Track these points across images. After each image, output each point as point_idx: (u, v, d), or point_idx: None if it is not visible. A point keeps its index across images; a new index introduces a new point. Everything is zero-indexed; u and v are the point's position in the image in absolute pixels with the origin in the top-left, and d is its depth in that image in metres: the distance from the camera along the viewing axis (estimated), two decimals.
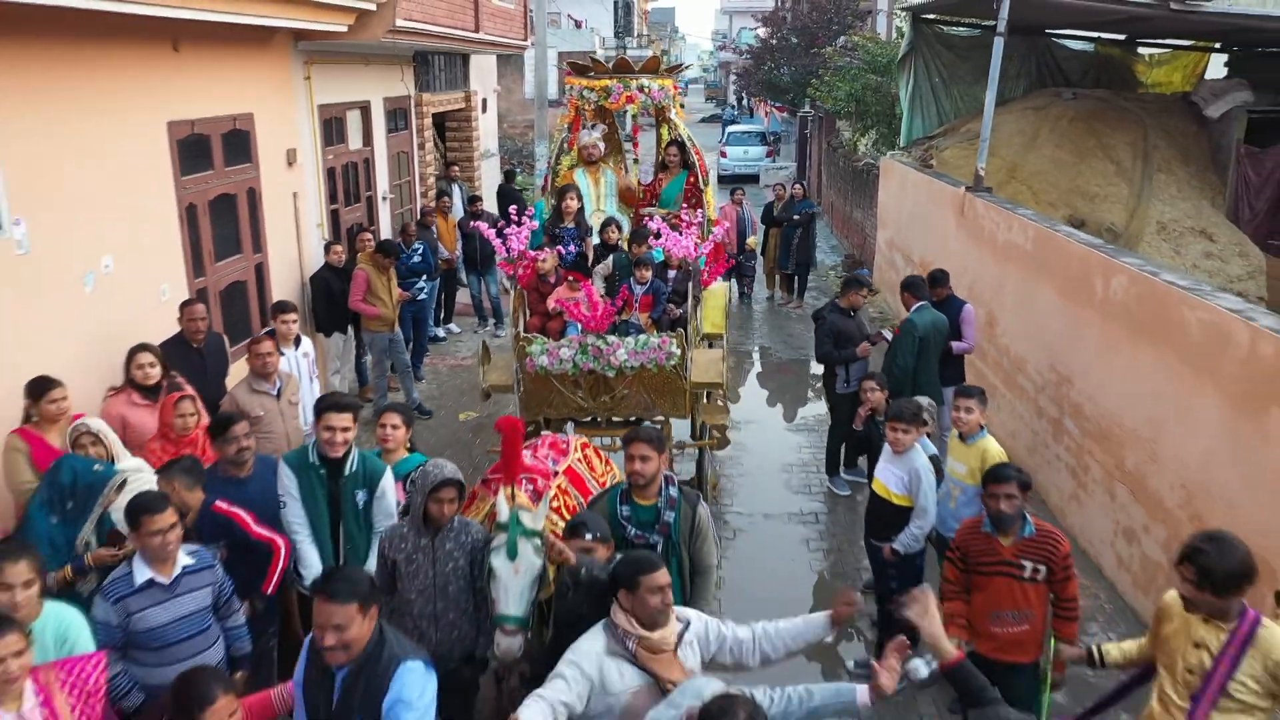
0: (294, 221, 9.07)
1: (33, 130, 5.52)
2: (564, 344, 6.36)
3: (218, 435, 4.59)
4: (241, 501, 4.36)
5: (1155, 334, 5.89)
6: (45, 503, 4.36)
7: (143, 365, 5.39)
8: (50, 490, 4.38)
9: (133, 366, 5.36)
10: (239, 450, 4.56)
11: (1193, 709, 3.25)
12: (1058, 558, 4.11)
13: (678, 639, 3.27)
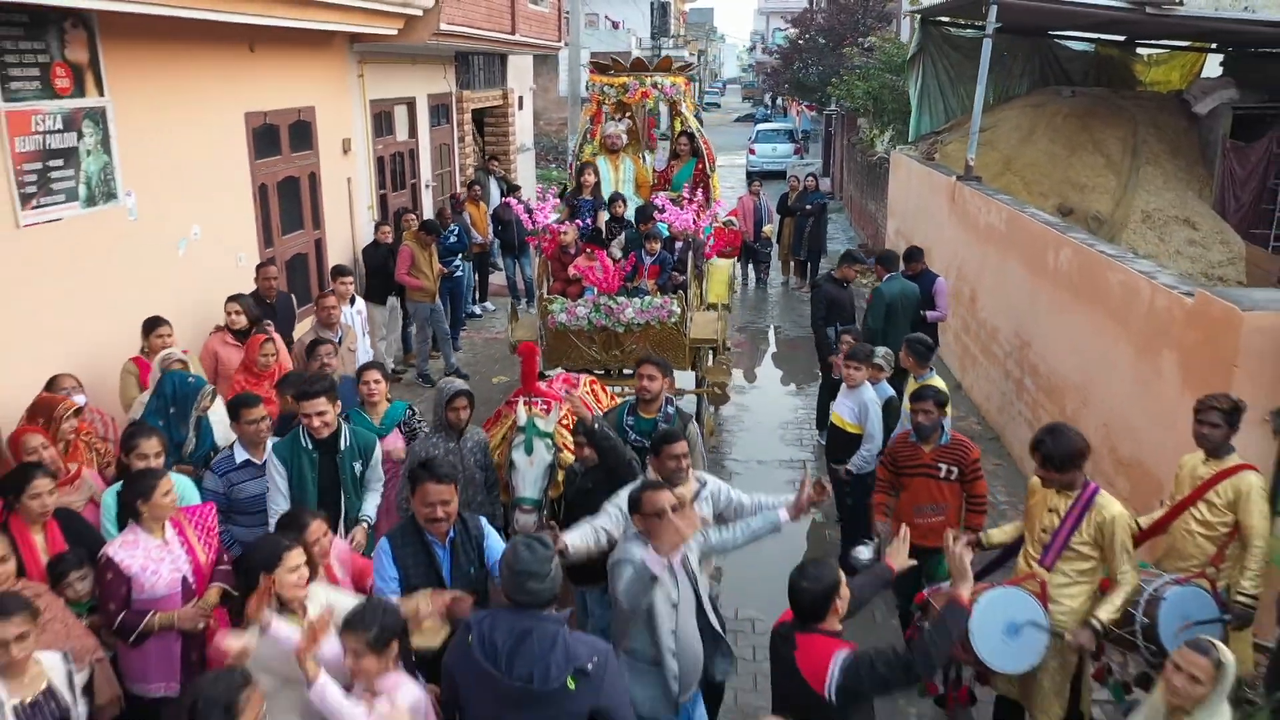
0: (348, 203, 10.21)
1: (139, 117, 6.66)
2: (581, 304, 7.42)
3: (309, 354, 5.69)
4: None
5: (1089, 297, 6.81)
6: (154, 411, 5.44)
7: (230, 313, 6.50)
8: (157, 401, 5.45)
9: (226, 313, 6.47)
10: (322, 366, 5.65)
11: (1043, 558, 4.21)
12: (967, 461, 5.07)
13: (695, 495, 4.30)
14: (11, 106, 5.47)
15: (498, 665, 3.05)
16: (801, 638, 3.30)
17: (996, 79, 14.85)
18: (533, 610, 3.14)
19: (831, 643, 3.26)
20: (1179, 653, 3.10)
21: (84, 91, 6.08)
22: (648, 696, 3.81)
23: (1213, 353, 4.94)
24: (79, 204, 6.07)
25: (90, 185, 6.17)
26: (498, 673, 3.04)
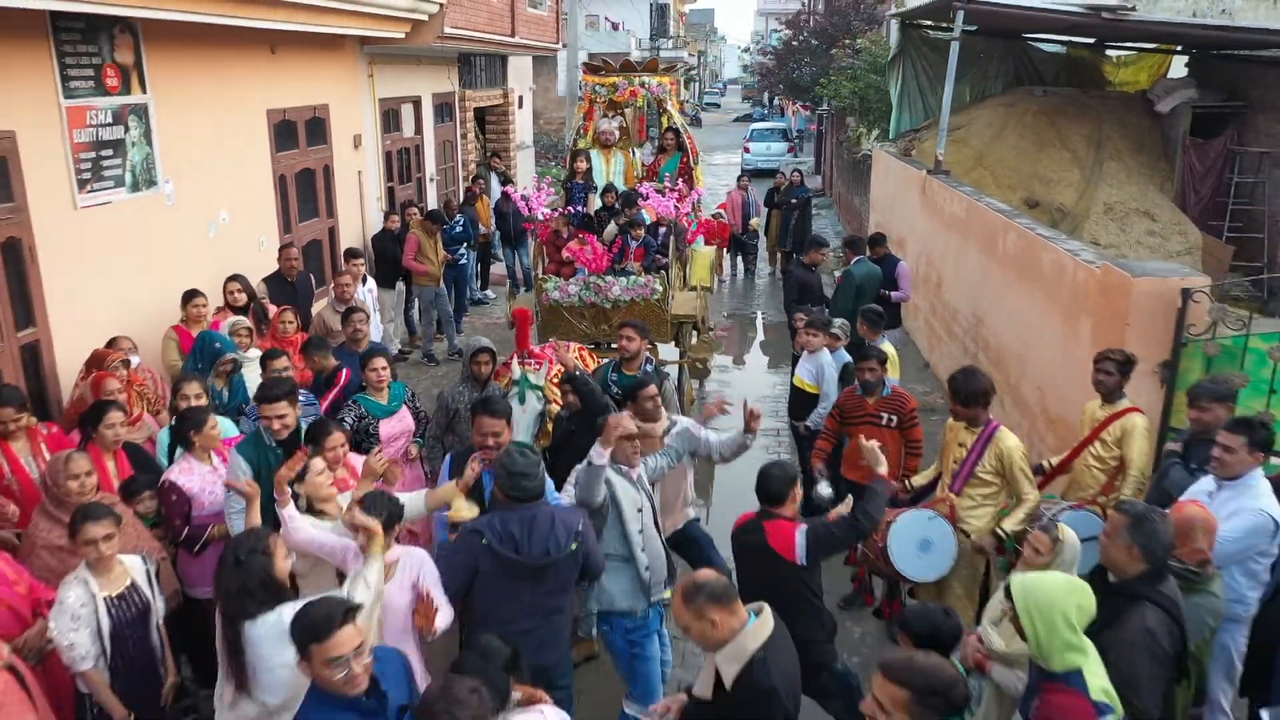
0: (358, 194, 10.99)
1: (176, 112, 7.44)
2: (572, 282, 8.19)
3: (344, 321, 6.47)
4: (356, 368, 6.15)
5: (1028, 275, 7.58)
6: (190, 367, 6.22)
7: (231, 291, 7.18)
8: (194, 358, 6.23)
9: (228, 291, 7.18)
10: (355, 330, 6.42)
11: (953, 484, 4.98)
12: (905, 410, 5.84)
13: (666, 430, 5.08)
14: (70, 102, 6.25)
15: (518, 550, 3.79)
16: (769, 524, 4.06)
17: (973, 79, 15.64)
18: (528, 503, 3.89)
19: (792, 524, 4.05)
20: (1031, 534, 3.86)
21: (130, 90, 6.86)
22: (623, 590, 4.57)
23: (1112, 315, 5.71)
24: (125, 189, 6.86)
25: (135, 173, 6.95)
26: (520, 555, 3.77)
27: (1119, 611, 3.20)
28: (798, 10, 31.33)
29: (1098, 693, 2.95)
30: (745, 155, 29.56)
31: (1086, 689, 2.96)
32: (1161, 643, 3.15)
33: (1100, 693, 2.95)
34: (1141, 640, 3.14)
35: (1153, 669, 3.14)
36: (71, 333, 6.19)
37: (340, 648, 2.79)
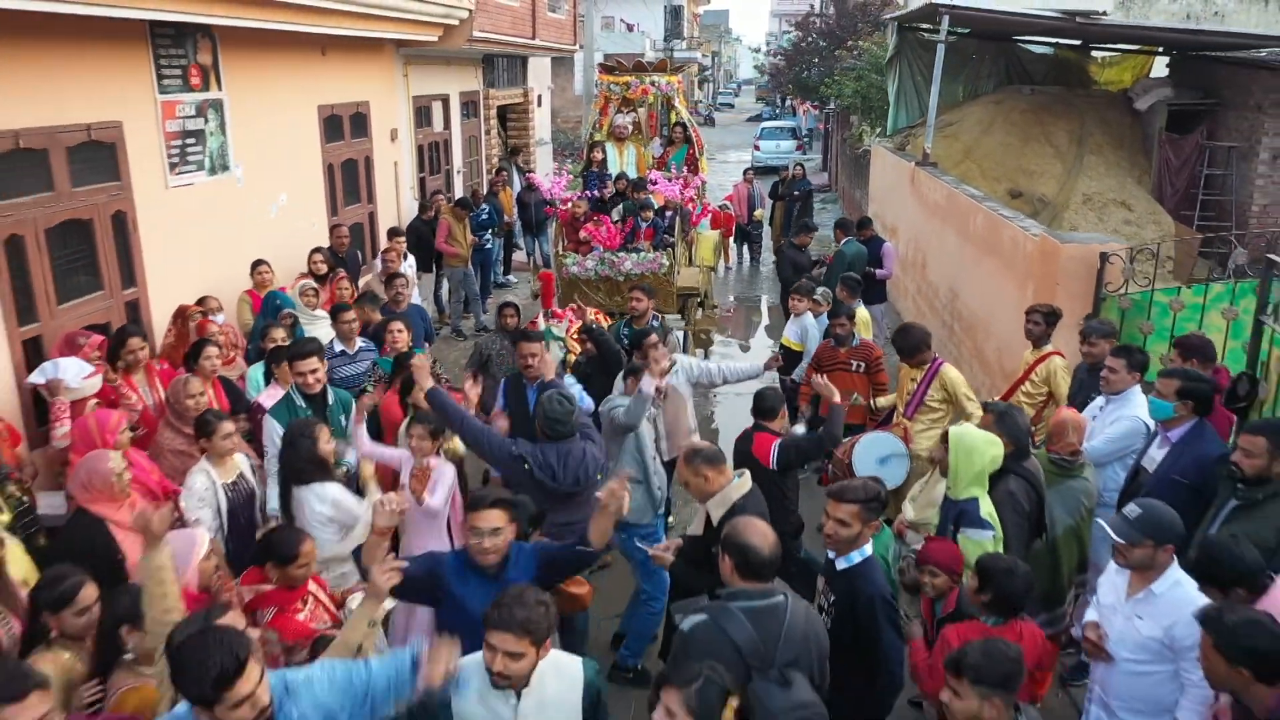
0: (394, 183, 12.08)
1: (245, 107, 8.52)
2: (589, 258, 9.25)
3: (388, 285, 7.54)
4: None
5: (993, 250, 8.58)
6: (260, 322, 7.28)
7: (314, 261, 8.32)
8: (263, 314, 7.31)
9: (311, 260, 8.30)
10: (397, 293, 7.49)
11: (906, 410, 6.01)
12: (871, 358, 6.87)
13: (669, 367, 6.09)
14: (164, 97, 7.35)
15: (555, 478, 4.71)
16: (757, 434, 5.09)
17: (966, 78, 16.61)
18: (562, 440, 4.80)
19: (772, 437, 5.07)
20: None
21: (209, 87, 7.95)
22: (637, 505, 5.55)
23: (1047, 277, 6.72)
24: (205, 173, 7.95)
25: (212, 159, 8.04)
26: (557, 483, 4.69)
27: (994, 481, 4.23)
28: (807, 12, 32.29)
29: (985, 515, 4.05)
30: (755, 153, 30.52)
31: (979, 510, 4.05)
32: (1021, 501, 4.22)
33: (987, 515, 4.06)
34: (1005, 499, 4.20)
35: (1014, 519, 4.19)
36: (163, 292, 7.27)
37: (481, 521, 3.45)
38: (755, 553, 3.24)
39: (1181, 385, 4.47)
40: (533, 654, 2.81)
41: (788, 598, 3.27)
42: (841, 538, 3.69)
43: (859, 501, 3.66)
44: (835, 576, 3.77)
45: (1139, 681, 3.52)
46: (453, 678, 2.77)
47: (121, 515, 4.09)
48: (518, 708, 2.83)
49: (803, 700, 3.00)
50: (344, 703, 2.63)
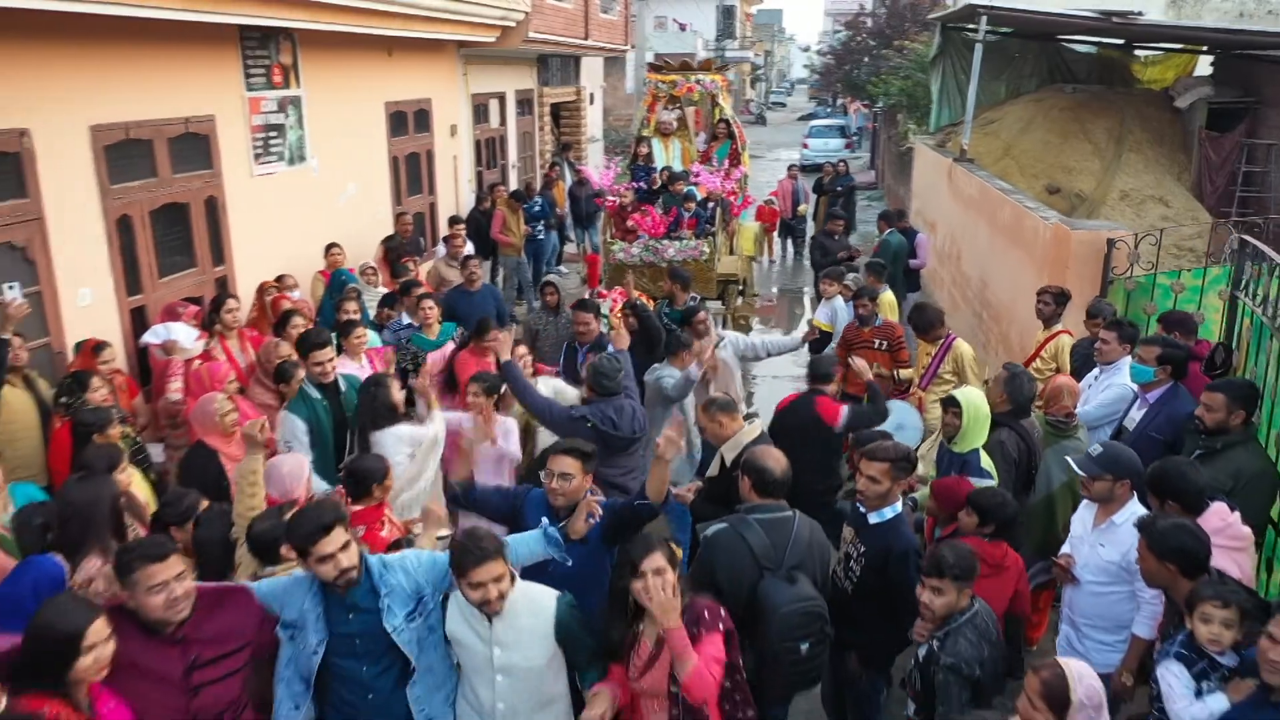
0: (454, 176, 12.82)
1: (320, 102, 9.27)
2: (634, 245, 9.87)
3: (462, 266, 8.22)
4: (470, 304, 7.80)
5: (1017, 240, 9.02)
6: (327, 296, 8.01)
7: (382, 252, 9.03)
8: (329, 292, 8.03)
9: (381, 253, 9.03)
10: (470, 274, 8.16)
11: (921, 382, 6.53)
12: (893, 337, 7.37)
13: (717, 343, 6.65)
14: (251, 94, 8.12)
15: (616, 427, 5.27)
16: (819, 399, 5.58)
17: (1010, 77, 16.94)
18: (613, 397, 5.34)
19: (833, 401, 5.59)
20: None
21: (289, 85, 8.71)
22: (676, 466, 6.18)
23: (1060, 261, 7.18)
24: (284, 163, 8.71)
25: (291, 150, 8.81)
26: (618, 431, 5.23)
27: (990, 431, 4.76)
28: (856, 11, 32.59)
29: (985, 465, 4.58)
30: (804, 151, 30.93)
31: (979, 460, 4.57)
32: (1010, 450, 4.75)
33: (987, 464, 4.59)
34: (995, 448, 4.74)
35: (1003, 465, 4.74)
36: (247, 270, 8.04)
37: (555, 464, 3.84)
38: (769, 473, 3.82)
39: (1161, 351, 4.96)
40: (505, 576, 3.19)
41: (796, 513, 3.85)
42: (873, 493, 4.02)
43: (889, 460, 4.04)
44: (867, 530, 4.12)
45: (1100, 601, 4.03)
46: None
47: (230, 448, 4.79)
48: (491, 629, 3.22)
49: (805, 594, 3.58)
50: (429, 576, 3.25)
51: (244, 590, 3.22)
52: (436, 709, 3.27)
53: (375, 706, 3.18)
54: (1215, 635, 3.14)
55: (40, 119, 5.96)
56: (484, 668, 3.22)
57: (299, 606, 3.13)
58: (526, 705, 3.25)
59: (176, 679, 2.90)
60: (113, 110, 6.58)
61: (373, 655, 3.16)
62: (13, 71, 5.76)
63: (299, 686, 3.16)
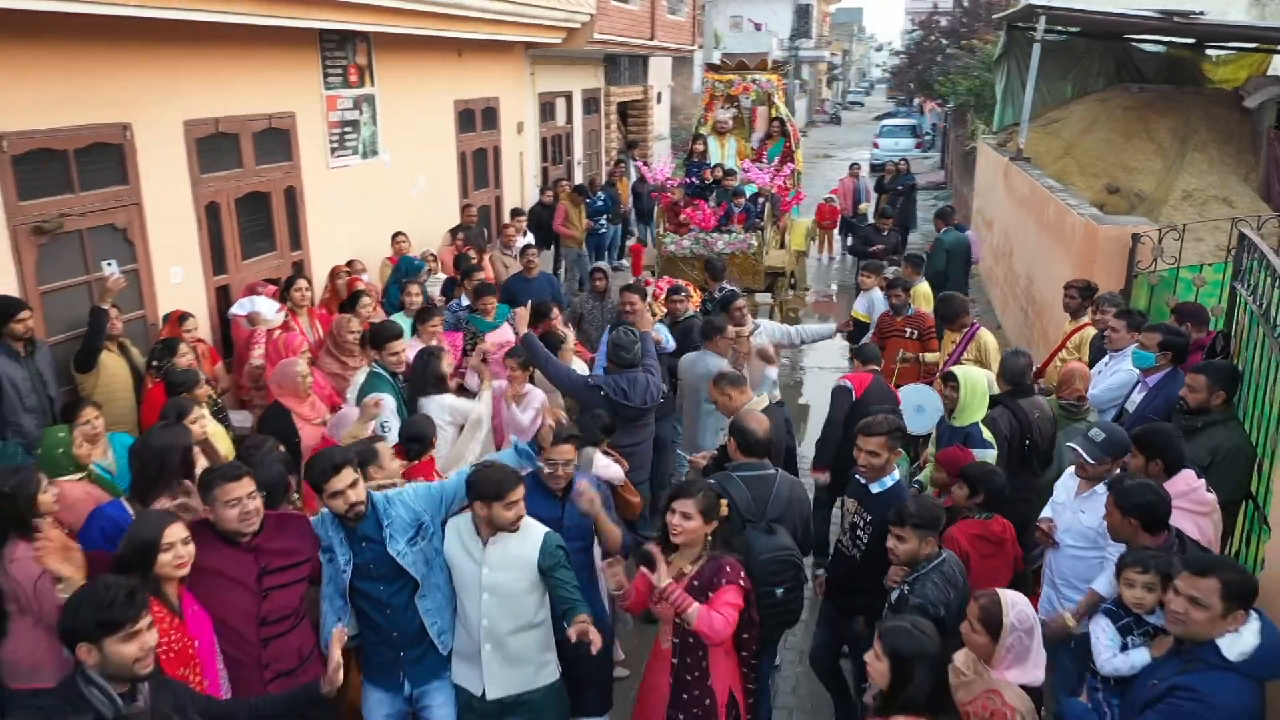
0: (519, 171, 13.41)
1: (392, 101, 9.91)
2: (685, 238, 10.30)
3: (521, 255, 8.77)
4: (527, 290, 8.29)
5: (1059, 237, 9.21)
6: (393, 280, 8.60)
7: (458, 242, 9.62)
8: (394, 275, 8.63)
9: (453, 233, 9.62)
10: (529, 262, 8.69)
11: (943, 368, 6.84)
12: (924, 325, 7.68)
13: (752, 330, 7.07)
14: (328, 92, 8.77)
15: (627, 398, 5.78)
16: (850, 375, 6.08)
17: (1076, 77, 16.92)
18: (629, 369, 5.84)
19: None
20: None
21: (364, 84, 9.36)
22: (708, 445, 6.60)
23: (1089, 255, 7.39)
24: (358, 157, 9.37)
25: (364, 145, 9.46)
26: (629, 401, 5.71)
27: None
28: (930, 10, 32.44)
29: (986, 435, 4.91)
30: (875, 150, 30.94)
31: (981, 433, 4.91)
32: (1001, 427, 5.07)
33: (989, 435, 4.93)
34: (989, 424, 5.06)
35: (996, 441, 5.03)
36: (322, 255, 8.70)
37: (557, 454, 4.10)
38: (752, 434, 4.24)
39: (1163, 338, 5.22)
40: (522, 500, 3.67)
41: (778, 471, 4.25)
42: (873, 466, 4.38)
43: (884, 433, 4.36)
44: (871, 499, 4.44)
45: (1079, 564, 4.34)
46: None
47: (302, 409, 5.38)
48: (484, 551, 3.67)
49: (782, 544, 3.99)
50: (426, 506, 3.75)
51: (302, 517, 3.76)
52: (445, 621, 3.78)
53: (393, 620, 3.70)
54: (1139, 598, 3.47)
55: (140, 114, 6.65)
56: (473, 586, 3.67)
57: (327, 535, 3.68)
58: (507, 625, 3.68)
59: (251, 582, 3.45)
60: (204, 106, 7.26)
61: (387, 578, 3.65)
62: (117, 72, 6.45)
63: (339, 602, 3.71)
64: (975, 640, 3.21)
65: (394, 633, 3.68)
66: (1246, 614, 3.02)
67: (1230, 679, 2.96)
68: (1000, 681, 3.15)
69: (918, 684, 2.84)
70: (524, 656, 3.75)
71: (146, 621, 2.75)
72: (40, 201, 5.94)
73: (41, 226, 5.94)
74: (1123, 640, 3.49)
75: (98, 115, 6.31)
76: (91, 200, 6.32)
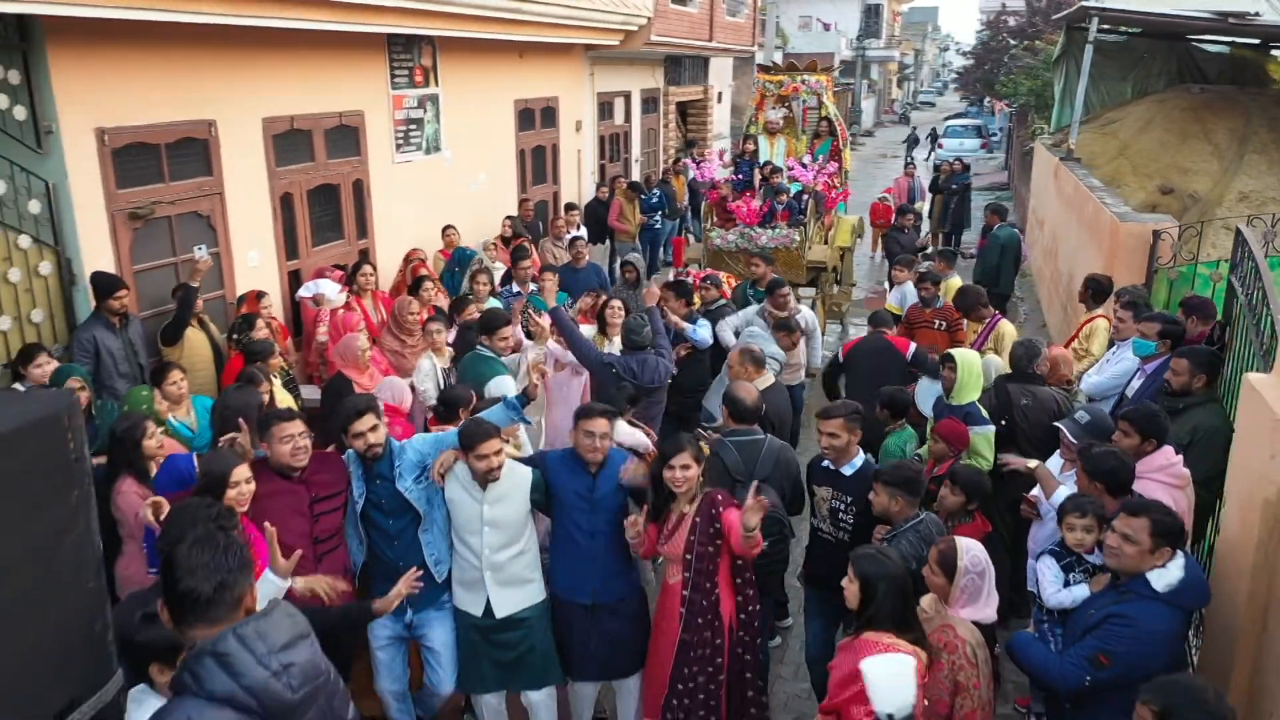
0: (577, 168, 13.96)
1: (454, 101, 10.52)
2: (731, 232, 10.72)
3: (569, 247, 9.31)
4: (575, 279, 8.83)
5: (1095, 234, 9.41)
6: (448, 270, 9.18)
7: (505, 225, 10.21)
8: (450, 264, 9.21)
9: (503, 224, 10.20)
10: (578, 253, 9.22)
11: None
12: (952, 317, 7.97)
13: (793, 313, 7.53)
14: (395, 92, 9.41)
15: (635, 377, 6.29)
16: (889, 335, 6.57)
17: (1136, 78, 16.89)
18: (639, 351, 6.32)
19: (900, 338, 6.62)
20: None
21: (428, 84, 9.98)
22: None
23: (1113, 250, 7.64)
24: (421, 153, 9.99)
25: (427, 142, 10.08)
26: (636, 380, 6.25)
27: None
28: (999, 10, 32.23)
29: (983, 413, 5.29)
30: (939, 150, 30.87)
31: (979, 412, 5.28)
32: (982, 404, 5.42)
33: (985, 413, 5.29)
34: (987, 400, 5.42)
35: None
36: (386, 244, 9.34)
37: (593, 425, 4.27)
38: (742, 403, 4.69)
39: (1162, 327, 5.51)
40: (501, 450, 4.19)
41: (767, 437, 4.69)
42: (835, 447, 4.56)
43: (842, 416, 4.64)
44: (845, 481, 4.60)
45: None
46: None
47: (362, 379, 5.97)
48: (484, 494, 4.20)
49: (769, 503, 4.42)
50: (432, 451, 4.31)
51: (339, 456, 4.36)
52: (442, 553, 4.35)
53: (399, 550, 4.29)
54: (1078, 540, 3.90)
55: (223, 112, 7.33)
56: (474, 521, 4.22)
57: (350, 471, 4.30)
58: (506, 552, 4.26)
59: (305, 508, 4.08)
60: (281, 105, 7.92)
61: (396, 512, 4.25)
62: (203, 74, 7.13)
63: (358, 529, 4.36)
64: (934, 581, 3.61)
65: (400, 563, 4.23)
66: (1173, 552, 3.38)
67: (1158, 607, 3.34)
68: (954, 618, 3.55)
69: (881, 601, 3.27)
70: (519, 577, 4.32)
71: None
72: (135, 190, 6.64)
73: (136, 212, 6.64)
74: (1065, 578, 3.88)
75: (187, 113, 7.00)
76: (180, 190, 7.02)
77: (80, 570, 1.90)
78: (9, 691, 1.75)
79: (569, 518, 4.32)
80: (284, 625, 2.13)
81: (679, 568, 4.17)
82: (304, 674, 2.11)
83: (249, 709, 2.01)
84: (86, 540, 1.92)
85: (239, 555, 2.27)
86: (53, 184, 6.02)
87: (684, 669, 4.12)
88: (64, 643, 1.89)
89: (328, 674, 2.21)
